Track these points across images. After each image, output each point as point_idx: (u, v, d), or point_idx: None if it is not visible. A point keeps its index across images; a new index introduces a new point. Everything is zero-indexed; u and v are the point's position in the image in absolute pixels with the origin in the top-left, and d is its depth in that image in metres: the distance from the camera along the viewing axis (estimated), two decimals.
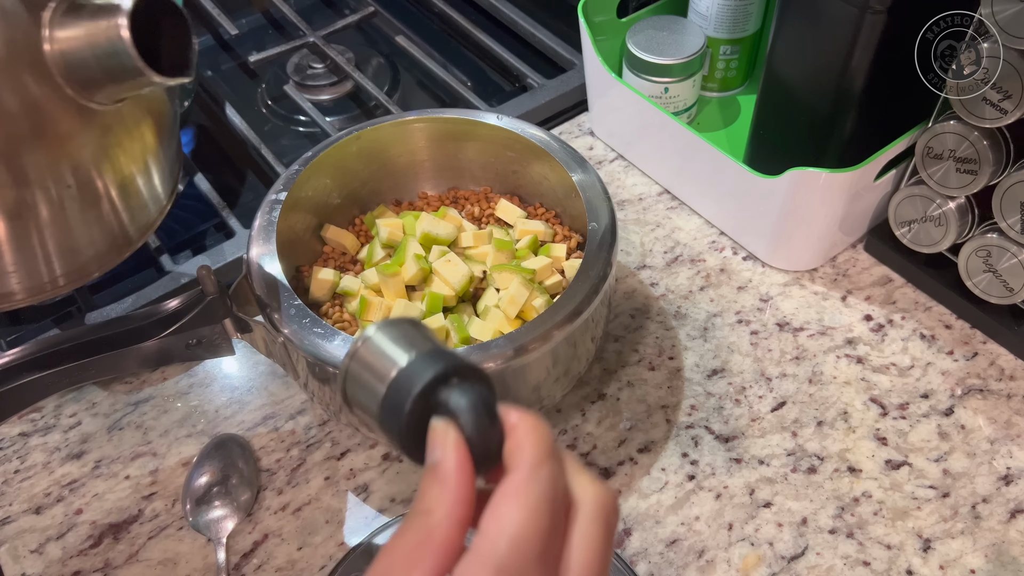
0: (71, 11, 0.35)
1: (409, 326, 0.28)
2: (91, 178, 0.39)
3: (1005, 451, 0.49)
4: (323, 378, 0.44)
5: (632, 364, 0.54)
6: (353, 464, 0.50)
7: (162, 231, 0.65)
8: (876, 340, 0.55)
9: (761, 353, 0.54)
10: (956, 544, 0.46)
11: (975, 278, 0.52)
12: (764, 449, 0.50)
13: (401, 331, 0.27)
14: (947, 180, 0.51)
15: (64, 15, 0.35)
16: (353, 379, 0.27)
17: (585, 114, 0.70)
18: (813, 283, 0.58)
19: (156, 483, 0.50)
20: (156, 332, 0.46)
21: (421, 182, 0.57)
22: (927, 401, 0.52)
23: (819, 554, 0.46)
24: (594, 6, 0.64)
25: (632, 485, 0.48)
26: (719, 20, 0.65)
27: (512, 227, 0.54)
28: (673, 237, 0.61)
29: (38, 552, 0.47)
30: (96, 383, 0.54)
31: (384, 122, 0.53)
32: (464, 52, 0.79)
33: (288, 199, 0.49)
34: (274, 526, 0.48)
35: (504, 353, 0.41)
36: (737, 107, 0.70)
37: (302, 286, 0.52)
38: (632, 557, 0.46)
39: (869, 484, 0.48)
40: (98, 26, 0.34)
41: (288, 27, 0.82)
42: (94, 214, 0.40)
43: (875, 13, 0.48)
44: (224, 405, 0.53)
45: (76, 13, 0.35)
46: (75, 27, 0.35)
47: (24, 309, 0.60)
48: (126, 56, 0.35)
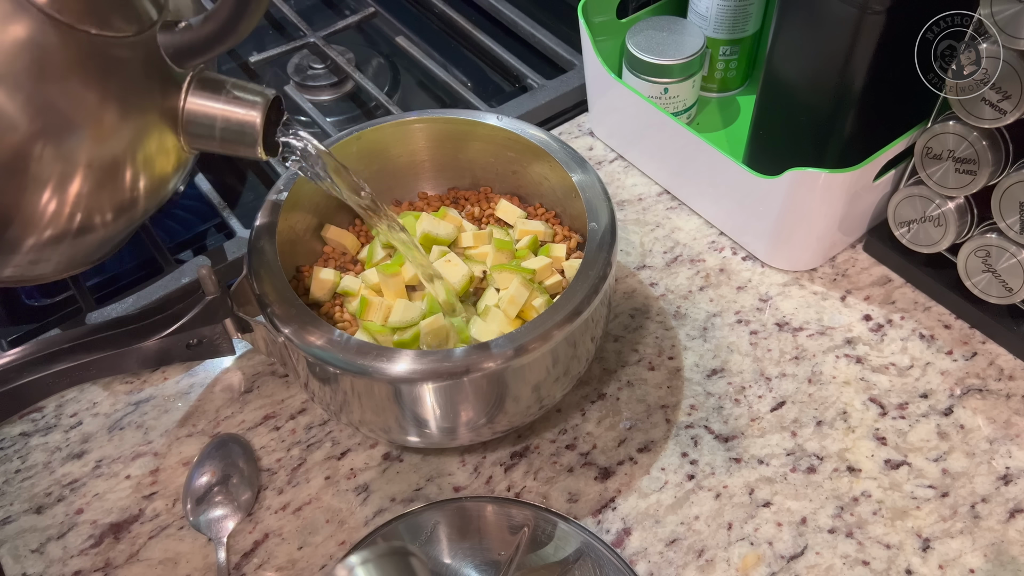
0: (209, 84, 0.42)
1: (395, 570, 0.24)
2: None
3: (1004, 451, 0.49)
4: (323, 378, 0.44)
5: (632, 364, 0.54)
6: (353, 464, 0.50)
7: (162, 231, 0.65)
8: (875, 340, 0.55)
9: (760, 353, 0.54)
10: (955, 544, 0.46)
11: (974, 278, 0.52)
12: (763, 449, 0.50)
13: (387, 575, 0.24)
14: (946, 180, 0.51)
15: (203, 86, 0.42)
16: None
17: (585, 114, 0.70)
18: (812, 283, 0.58)
19: (157, 483, 0.50)
20: (156, 332, 0.46)
21: (421, 182, 0.57)
22: (926, 401, 0.52)
23: (818, 553, 0.46)
24: (594, 7, 0.64)
25: (632, 485, 0.49)
26: (719, 20, 0.65)
27: (512, 227, 0.54)
28: (673, 237, 0.61)
29: (39, 552, 0.47)
30: (97, 383, 0.54)
31: (384, 122, 0.53)
32: (464, 52, 0.79)
33: (288, 199, 0.49)
34: (275, 526, 0.48)
35: (504, 353, 0.42)
36: (737, 107, 0.70)
37: (302, 286, 0.52)
38: (632, 557, 0.46)
39: (868, 484, 0.48)
40: (236, 109, 0.42)
41: (288, 27, 0.82)
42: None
43: (875, 13, 0.48)
44: (224, 405, 0.53)
45: (215, 88, 0.42)
46: (214, 100, 0.42)
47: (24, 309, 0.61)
48: (251, 138, 0.42)
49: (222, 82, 0.43)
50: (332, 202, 0.54)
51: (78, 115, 0.38)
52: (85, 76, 0.38)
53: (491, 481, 0.49)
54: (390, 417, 0.45)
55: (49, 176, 0.38)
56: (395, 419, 0.45)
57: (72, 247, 0.42)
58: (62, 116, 0.37)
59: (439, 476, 0.49)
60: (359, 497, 0.49)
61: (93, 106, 0.38)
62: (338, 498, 0.49)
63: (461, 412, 0.44)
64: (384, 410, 0.44)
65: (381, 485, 0.49)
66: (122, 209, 0.42)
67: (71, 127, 0.38)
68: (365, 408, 0.44)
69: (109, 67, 0.39)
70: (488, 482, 0.49)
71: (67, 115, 0.38)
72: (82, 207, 0.40)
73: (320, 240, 0.54)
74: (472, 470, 0.49)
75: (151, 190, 0.43)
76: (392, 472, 0.50)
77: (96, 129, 0.39)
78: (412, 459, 0.50)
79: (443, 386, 0.42)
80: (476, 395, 0.43)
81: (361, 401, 0.44)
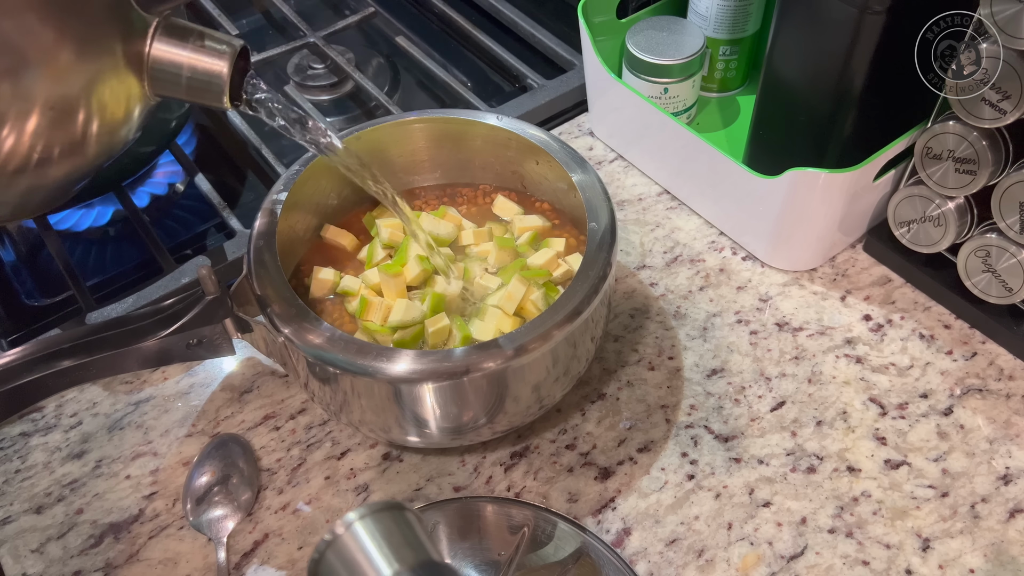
0: (176, 31, 0.41)
1: (394, 523, 0.25)
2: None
3: (1004, 451, 0.49)
4: (323, 378, 0.44)
5: (632, 364, 0.54)
6: (353, 464, 0.50)
7: (162, 231, 0.65)
8: (875, 340, 0.55)
9: (760, 353, 0.54)
10: (955, 543, 0.46)
11: (974, 278, 0.52)
12: (763, 449, 0.50)
13: (385, 528, 0.24)
14: (946, 180, 0.51)
15: (169, 32, 0.41)
16: (328, 570, 0.24)
17: (585, 114, 0.70)
18: (812, 283, 0.58)
19: (157, 483, 0.50)
20: (156, 332, 0.46)
21: (421, 182, 0.57)
22: (926, 401, 0.52)
23: (818, 553, 0.46)
24: (594, 6, 0.64)
25: (632, 485, 0.49)
26: (719, 20, 0.65)
27: (510, 222, 0.54)
28: (673, 237, 0.61)
29: (39, 552, 0.47)
30: (97, 383, 0.54)
31: (384, 122, 0.53)
32: (464, 52, 0.79)
33: (288, 199, 0.49)
34: (274, 526, 0.48)
35: (504, 353, 0.42)
36: (737, 107, 0.70)
37: (302, 286, 0.52)
38: (632, 557, 0.46)
39: (868, 484, 0.48)
40: (203, 58, 0.41)
41: (288, 27, 0.82)
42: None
43: (875, 13, 0.48)
44: (224, 405, 0.53)
45: (182, 35, 0.41)
46: (180, 47, 0.41)
47: (24, 309, 0.61)
48: (217, 87, 0.42)
49: (190, 30, 0.42)
50: (331, 202, 0.54)
51: (33, 52, 0.37)
52: (44, 13, 0.37)
53: (491, 481, 0.49)
54: (390, 417, 0.45)
55: (4, 113, 0.38)
56: (395, 419, 0.45)
57: (26, 189, 0.41)
58: (17, 52, 0.37)
59: (439, 476, 0.49)
60: (359, 497, 0.49)
61: (50, 44, 0.38)
62: (338, 498, 0.49)
63: (461, 412, 0.44)
64: (384, 410, 0.44)
65: (381, 485, 0.49)
66: (78, 150, 0.41)
67: (26, 64, 0.37)
68: (365, 408, 0.44)
69: (71, 6, 0.38)
70: (488, 482, 0.49)
71: (23, 52, 0.37)
72: (39, 146, 0.39)
73: (320, 240, 0.54)
74: (472, 470, 0.50)
75: (108, 132, 0.42)
76: (392, 472, 0.50)
77: (53, 68, 0.38)
78: (412, 459, 0.50)
79: (443, 386, 0.42)
80: (476, 395, 0.43)
81: (361, 401, 0.44)
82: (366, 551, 0.24)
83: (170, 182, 0.68)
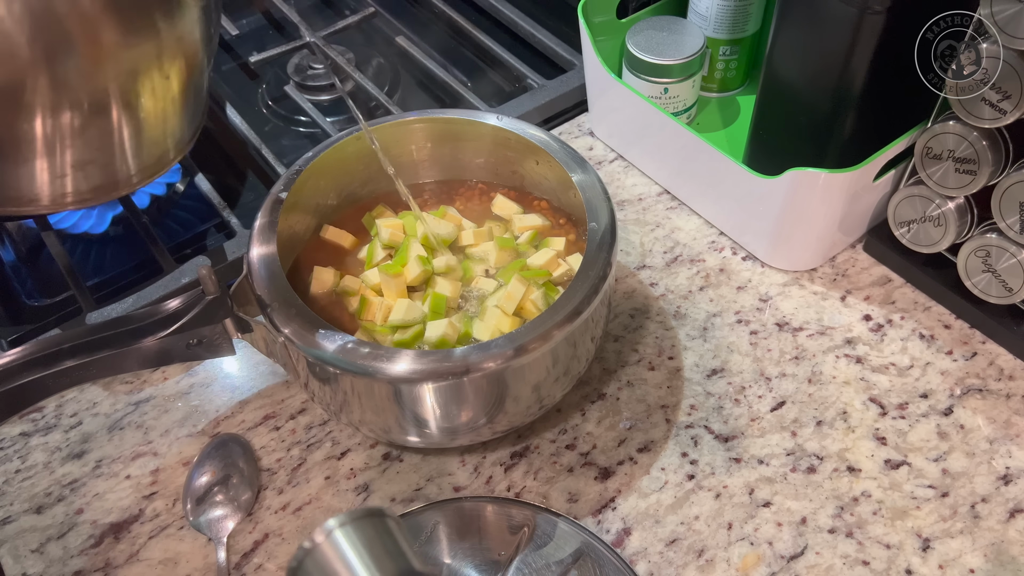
0: None
1: (375, 531, 0.24)
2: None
3: (1004, 451, 0.49)
4: (323, 378, 0.44)
5: (632, 364, 0.54)
6: (353, 464, 0.50)
7: (162, 231, 0.65)
8: (875, 340, 0.55)
9: (760, 353, 0.54)
10: (955, 543, 0.46)
11: (974, 278, 0.52)
12: (763, 449, 0.50)
13: (366, 536, 0.24)
14: (946, 180, 0.51)
15: None
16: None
17: (585, 114, 0.70)
18: (812, 283, 0.58)
19: (157, 483, 0.50)
20: (156, 332, 0.46)
21: (421, 182, 0.57)
22: (926, 401, 0.52)
23: (818, 553, 0.46)
24: (594, 6, 0.64)
25: (632, 485, 0.49)
26: (719, 20, 0.65)
27: (509, 221, 0.54)
28: (673, 237, 0.61)
29: (39, 552, 0.47)
30: (97, 383, 0.54)
31: (384, 122, 0.53)
32: (464, 52, 0.79)
33: (289, 199, 0.49)
34: (275, 525, 0.48)
35: (504, 353, 0.42)
36: (737, 107, 0.70)
37: (302, 286, 0.52)
38: (632, 557, 0.46)
39: (868, 484, 0.48)
40: None
41: (288, 27, 0.82)
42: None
43: (875, 13, 0.48)
44: (224, 405, 0.53)
45: None
46: None
47: (24, 309, 0.61)
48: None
49: None
50: (332, 202, 0.54)
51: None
52: None
53: (491, 481, 0.49)
54: (390, 417, 0.45)
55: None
56: (395, 419, 0.45)
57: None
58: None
59: (439, 476, 0.49)
60: (359, 497, 0.49)
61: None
62: (338, 498, 0.49)
63: (461, 412, 0.44)
64: (384, 410, 0.44)
65: (381, 485, 0.49)
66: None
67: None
68: (365, 408, 0.44)
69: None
70: (488, 482, 0.49)
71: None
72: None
73: (320, 240, 0.54)
74: (472, 470, 0.50)
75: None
76: (392, 472, 0.50)
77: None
78: (412, 459, 0.50)
79: (443, 386, 0.42)
80: (476, 395, 0.43)
81: (361, 401, 0.44)
82: (346, 560, 0.23)
83: (170, 182, 0.68)
